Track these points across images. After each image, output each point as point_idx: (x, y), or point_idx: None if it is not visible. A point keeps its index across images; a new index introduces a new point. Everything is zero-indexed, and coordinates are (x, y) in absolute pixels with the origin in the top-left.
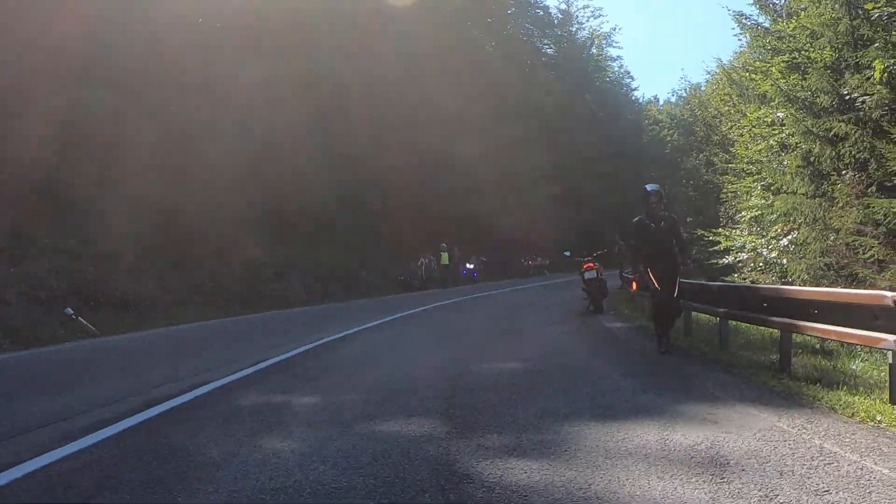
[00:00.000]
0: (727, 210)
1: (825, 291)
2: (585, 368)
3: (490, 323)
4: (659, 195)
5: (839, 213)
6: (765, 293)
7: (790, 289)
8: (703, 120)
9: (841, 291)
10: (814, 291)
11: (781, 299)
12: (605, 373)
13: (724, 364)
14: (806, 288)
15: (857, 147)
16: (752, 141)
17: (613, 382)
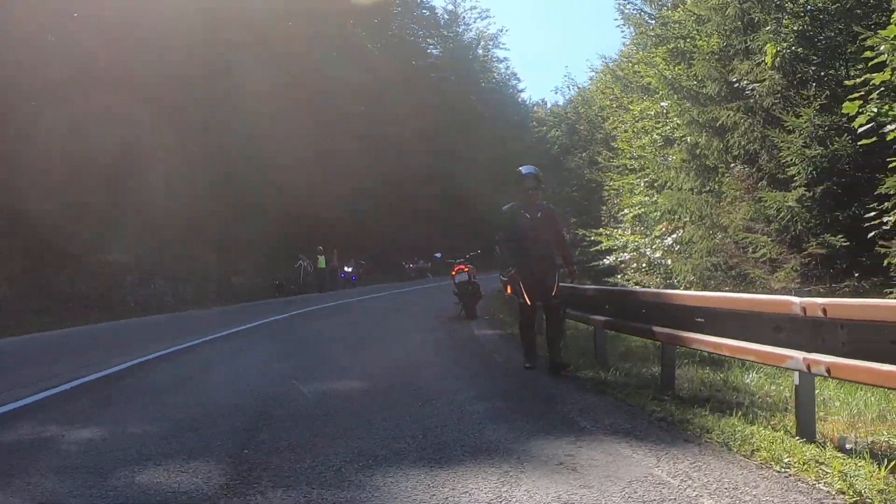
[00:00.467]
0: (609, 209)
1: (716, 297)
2: (435, 388)
3: (351, 331)
4: (537, 179)
5: (727, 209)
6: (643, 298)
7: (672, 293)
8: (587, 118)
9: (736, 297)
10: (701, 297)
11: (662, 306)
12: (456, 395)
13: (598, 382)
14: (691, 293)
15: (746, 137)
16: (635, 136)
17: (460, 408)
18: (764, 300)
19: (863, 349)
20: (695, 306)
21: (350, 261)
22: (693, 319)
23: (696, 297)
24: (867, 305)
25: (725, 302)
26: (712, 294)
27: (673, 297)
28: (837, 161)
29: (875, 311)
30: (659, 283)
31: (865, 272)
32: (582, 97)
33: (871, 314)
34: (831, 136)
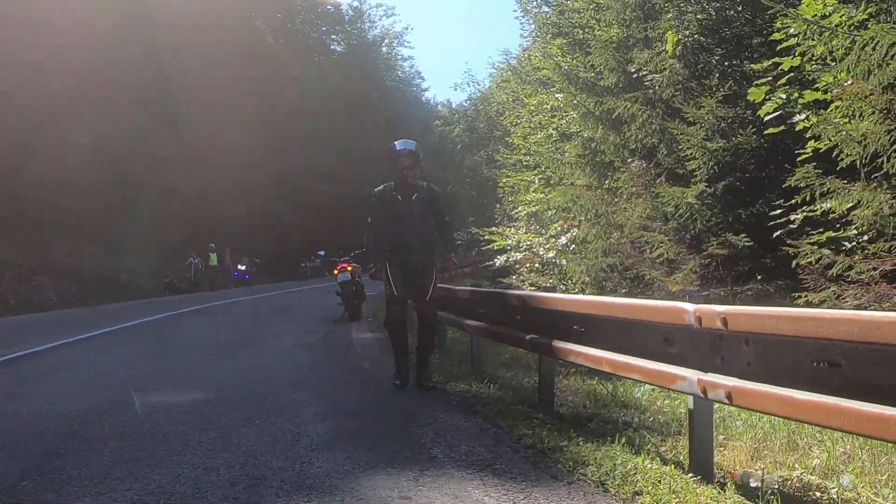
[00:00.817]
0: (504, 207)
1: (593, 301)
2: (283, 402)
3: (222, 333)
4: (414, 156)
5: (623, 206)
6: (516, 302)
7: (545, 296)
8: (486, 115)
9: (616, 302)
10: (576, 301)
11: (536, 311)
12: (303, 410)
13: (468, 397)
14: (565, 296)
15: (644, 130)
16: (531, 131)
17: (299, 428)
18: (649, 306)
19: (774, 370)
20: (571, 312)
21: (244, 259)
22: (571, 327)
23: (571, 301)
24: (781, 316)
25: (604, 308)
26: (589, 298)
27: (546, 300)
28: (741, 155)
29: (791, 323)
30: (555, 285)
31: (770, 274)
32: (482, 94)
33: (786, 326)
34: (735, 128)
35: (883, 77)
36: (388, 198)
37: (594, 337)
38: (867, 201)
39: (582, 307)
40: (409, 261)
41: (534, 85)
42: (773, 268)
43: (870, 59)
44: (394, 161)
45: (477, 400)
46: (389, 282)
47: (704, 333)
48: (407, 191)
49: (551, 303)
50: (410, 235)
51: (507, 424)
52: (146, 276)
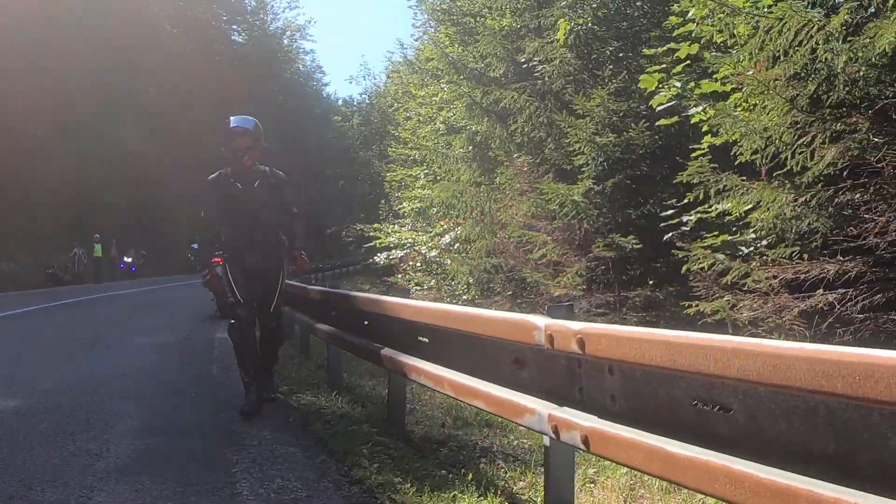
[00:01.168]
0: (390, 203)
1: (433, 309)
2: (93, 416)
3: (83, 330)
4: (252, 136)
5: (508, 203)
6: (362, 306)
7: (386, 301)
8: (380, 108)
9: (459, 312)
10: (416, 308)
11: (381, 317)
12: (118, 424)
13: (310, 412)
14: (405, 301)
15: (531, 123)
16: (420, 125)
17: (100, 448)
18: (494, 319)
19: (645, 410)
20: (415, 321)
21: (130, 251)
22: (416, 339)
23: (414, 308)
24: (653, 340)
25: (447, 318)
26: (430, 306)
27: (389, 306)
28: (632, 151)
29: (667, 351)
30: (439, 285)
31: (661, 280)
32: (376, 87)
33: (660, 354)
34: (627, 123)
35: (790, 65)
36: (226, 186)
37: (440, 352)
38: (768, 201)
39: (426, 316)
40: (252, 261)
41: (423, 76)
42: (665, 273)
43: (775, 43)
44: (228, 141)
45: (320, 416)
46: (231, 286)
47: (559, 357)
48: (247, 177)
49: (394, 309)
50: (252, 231)
51: (341, 450)
52: (29, 266)
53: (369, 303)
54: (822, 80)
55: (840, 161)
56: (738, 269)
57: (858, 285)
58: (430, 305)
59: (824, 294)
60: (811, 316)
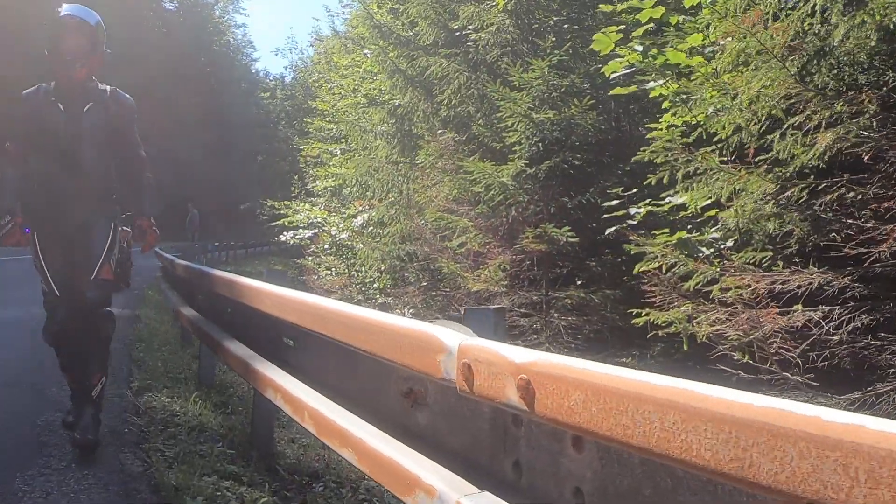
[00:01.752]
0: (304, 180)
1: (305, 303)
2: None
3: None
4: (92, 36)
5: (428, 184)
6: (224, 289)
7: (244, 283)
8: (303, 84)
9: (333, 311)
10: (279, 297)
11: (240, 305)
12: None
13: (156, 423)
14: (264, 287)
15: (459, 95)
16: (340, 97)
17: None
18: (375, 326)
19: None
20: (278, 317)
21: None
22: (280, 340)
23: (273, 297)
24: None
25: (313, 316)
26: (294, 296)
27: (244, 290)
28: (573, 131)
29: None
30: (347, 270)
31: (594, 279)
32: (302, 62)
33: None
34: (568, 100)
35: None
36: (41, 107)
37: (307, 364)
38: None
39: (289, 311)
40: (68, 219)
41: (347, 43)
42: (600, 272)
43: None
44: (55, 39)
45: (166, 427)
46: (41, 262)
47: (482, 404)
48: (75, 97)
49: (250, 295)
50: (70, 177)
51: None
52: None
53: (226, 285)
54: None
55: (836, 149)
56: (703, 273)
57: (844, 302)
58: (295, 296)
59: (805, 311)
60: (789, 335)
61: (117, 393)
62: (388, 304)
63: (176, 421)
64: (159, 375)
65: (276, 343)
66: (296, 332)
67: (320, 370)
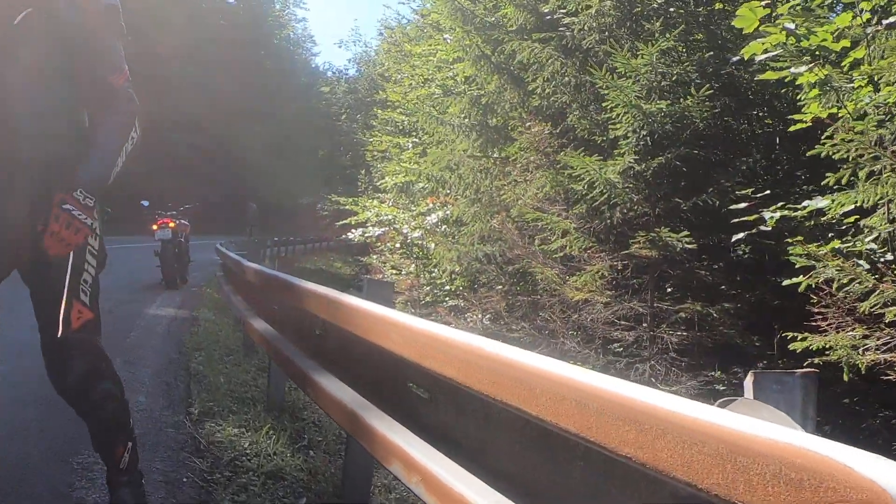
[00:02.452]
0: (371, 176)
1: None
2: None
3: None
4: None
5: (515, 180)
6: (314, 304)
7: (355, 306)
8: (368, 77)
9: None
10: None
11: (343, 333)
12: None
13: (220, 468)
14: (391, 316)
15: (553, 84)
16: (413, 88)
17: None
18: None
19: None
20: (408, 359)
21: None
22: (405, 386)
23: (401, 329)
24: None
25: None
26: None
27: (355, 314)
28: (688, 125)
29: None
30: (417, 271)
31: (706, 289)
32: (366, 54)
33: None
34: (679, 89)
35: None
36: None
37: (456, 431)
38: None
39: (433, 353)
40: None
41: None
42: (713, 283)
43: None
44: None
45: (234, 473)
46: None
47: None
48: None
49: (367, 324)
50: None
51: None
52: None
53: (324, 304)
54: None
55: None
56: (882, 293)
57: None
58: (443, 334)
59: None
60: None
61: (174, 421)
62: (459, 306)
63: (247, 464)
64: (222, 396)
65: (400, 390)
66: (433, 381)
67: (480, 445)
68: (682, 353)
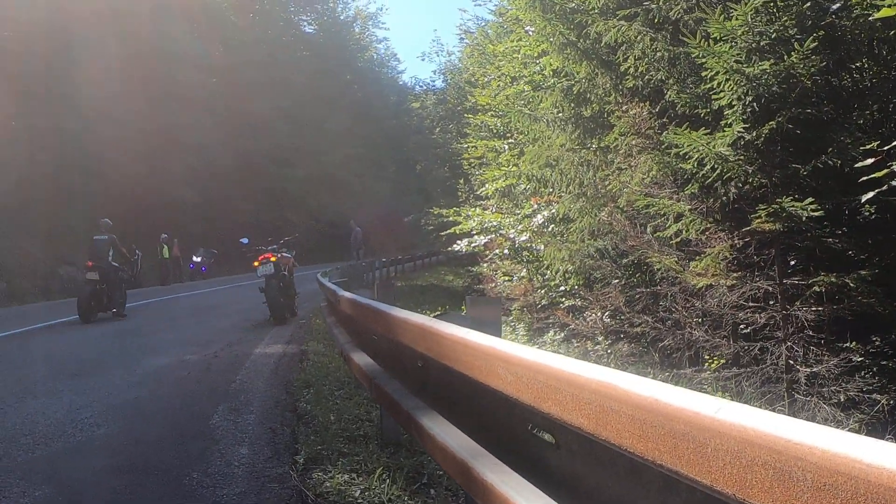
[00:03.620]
0: (471, 183)
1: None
2: None
3: (100, 345)
4: None
5: (619, 167)
6: (409, 337)
7: (453, 336)
8: (456, 84)
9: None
10: (542, 370)
11: (444, 370)
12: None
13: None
14: (501, 348)
15: (645, 61)
16: (500, 88)
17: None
18: None
19: None
20: (524, 403)
21: (199, 250)
22: (526, 429)
23: (516, 364)
24: None
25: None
26: (564, 367)
27: (454, 347)
28: (795, 84)
29: None
30: (529, 275)
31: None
32: (450, 63)
33: None
34: (781, 47)
35: None
36: None
37: (591, 480)
38: None
39: (552, 394)
40: None
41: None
42: (843, 249)
43: None
44: None
45: None
46: None
47: None
48: None
49: (476, 361)
50: None
51: None
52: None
53: (420, 334)
54: None
55: None
56: None
57: None
58: (574, 371)
59: None
60: None
61: (278, 474)
62: (577, 306)
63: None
64: (332, 437)
65: (518, 433)
66: (558, 425)
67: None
68: (819, 329)
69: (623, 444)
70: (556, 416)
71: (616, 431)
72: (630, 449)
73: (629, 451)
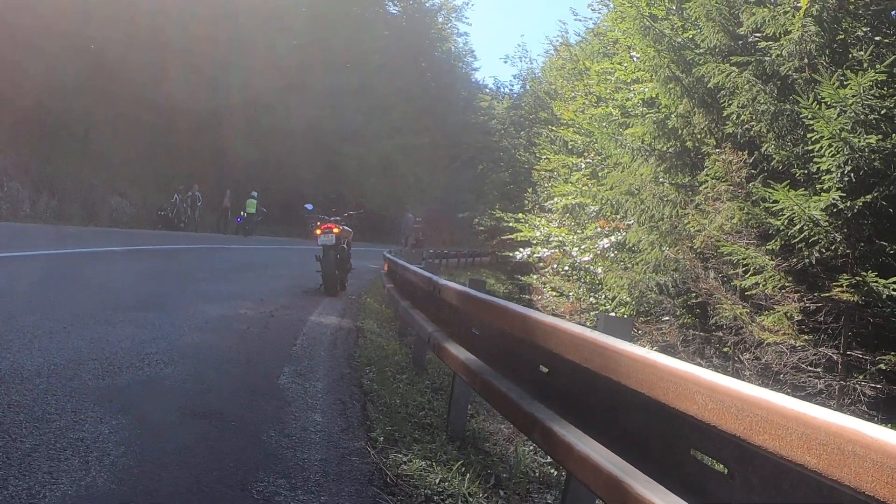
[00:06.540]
0: (538, 194)
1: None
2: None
3: (148, 286)
4: None
5: (701, 208)
6: (538, 338)
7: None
8: (534, 93)
9: None
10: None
11: (597, 380)
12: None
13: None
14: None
15: (750, 109)
16: (587, 106)
17: None
18: None
19: None
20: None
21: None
22: (687, 454)
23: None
24: None
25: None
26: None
27: (629, 364)
28: (894, 162)
29: None
30: (581, 296)
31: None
32: (532, 72)
33: None
34: (886, 124)
35: None
36: None
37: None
38: None
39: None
40: None
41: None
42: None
43: None
44: None
45: None
46: None
47: None
48: None
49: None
50: None
51: None
52: (139, 205)
53: (566, 340)
54: None
55: None
56: None
57: None
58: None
59: None
60: None
61: (356, 448)
62: None
63: None
64: (402, 420)
65: (681, 458)
66: (739, 452)
67: None
68: (874, 406)
69: (861, 487)
70: (771, 449)
71: (854, 474)
72: (869, 492)
73: (866, 493)
